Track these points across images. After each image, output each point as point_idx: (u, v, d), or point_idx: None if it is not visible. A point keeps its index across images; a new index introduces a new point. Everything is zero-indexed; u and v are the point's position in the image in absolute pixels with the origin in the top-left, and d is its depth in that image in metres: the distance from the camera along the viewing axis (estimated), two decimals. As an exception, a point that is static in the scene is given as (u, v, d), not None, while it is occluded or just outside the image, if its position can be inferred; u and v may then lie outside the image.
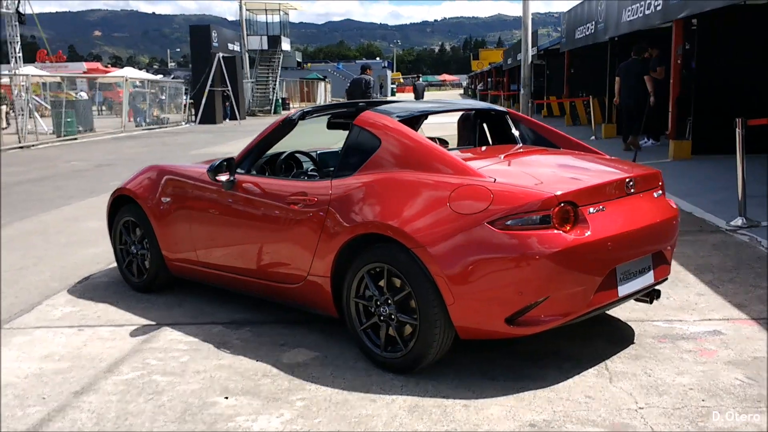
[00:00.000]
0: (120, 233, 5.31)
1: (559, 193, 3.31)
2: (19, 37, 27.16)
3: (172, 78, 45.18)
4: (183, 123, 30.85)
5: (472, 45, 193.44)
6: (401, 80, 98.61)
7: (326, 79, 62.54)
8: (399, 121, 3.95)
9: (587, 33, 17.29)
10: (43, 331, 4.45)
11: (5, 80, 24.41)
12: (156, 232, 4.94)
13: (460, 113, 4.87)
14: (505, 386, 3.43)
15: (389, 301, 3.57)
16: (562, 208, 3.31)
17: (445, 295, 3.34)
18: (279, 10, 41.86)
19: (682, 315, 4.36)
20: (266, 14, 41.92)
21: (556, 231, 3.27)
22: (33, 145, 20.57)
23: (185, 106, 31.81)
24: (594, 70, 17.89)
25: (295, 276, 4.03)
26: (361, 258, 3.66)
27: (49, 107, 28.55)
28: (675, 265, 5.38)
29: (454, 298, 3.33)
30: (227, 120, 32.23)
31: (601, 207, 3.44)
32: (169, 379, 3.64)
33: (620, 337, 4.04)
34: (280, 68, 40.12)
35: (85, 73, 53.62)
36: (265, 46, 40.10)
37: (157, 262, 5.01)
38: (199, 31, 31.75)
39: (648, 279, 3.70)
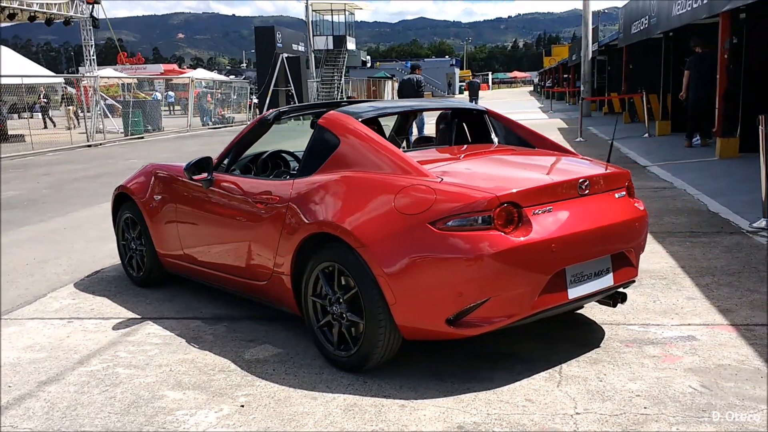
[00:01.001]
0: (122, 229, 5.51)
1: (500, 193, 3.27)
2: (93, 41, 28.35)
3: (243, 78, 46.30)
4: (248, 122, 31.52)
5: (546, 41, 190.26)
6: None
7: (394, 78, 62.76)
8: (361, 121, 3.96)
9: (641, 28, 16.80)
10: (35, 322, 4.66)
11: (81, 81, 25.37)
12: (149, 228, 5.10)
13: (439, 112, 4.85)
14: (450, 387, 3.40)
15: (341, 300, 3.59)
16: (504, 208, 3.26)
17: (387, 295, 3.34)
18: (344, 10, 42.29)
19: (662, 319, 4.22)
20: (332, 14, 42.39)
21: (496, 232, 3.23)
22: (100, 144, 21.44)
23: (250, 105, 32.51)
24: (652, 65, 17.38)
25: (263, 273, 4.10)
26: (316, 257, 3.70)
27: (120, 107, 29.69)
28: (675, 268, 5.23)
29: (395, 299, 3.33)
30: (292, 119, 32.72)
31: (548, 208, 3.37)
32: (131, 372, 3.77)
33: (587, 340, 3.94)
34: (345, 67, 40.46)
35: (161, 74, 55.53)
36: (331, 46, 40.58)
37: (152, 258, 5.18)
38: (264, 32, 32.37)
39: (606, 282, 3.60)
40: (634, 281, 3.92)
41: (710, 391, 3.25)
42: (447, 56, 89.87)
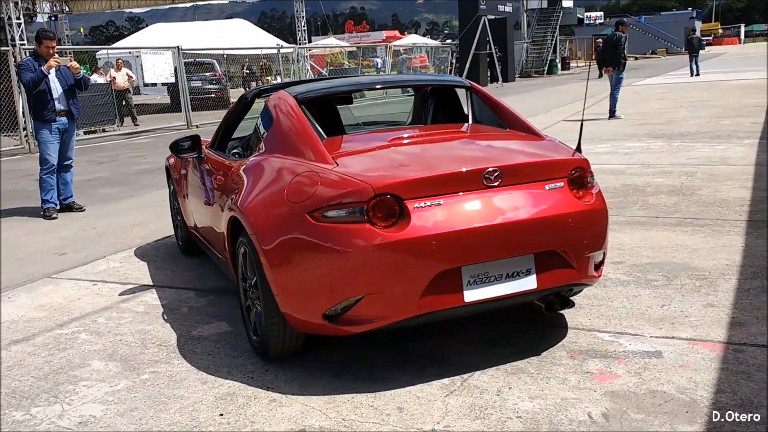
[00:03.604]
0: (171, 199, 5.85)
1: (377, 184, 2.98)
2: (304, 13, 30.05)
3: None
4: (448, 86, 31.57)
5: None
6: (720, 31, 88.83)
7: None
8: (303, 101, 3.81)
9: None
10: (70, 283, 5.13)
11: (285, 51, 26.95)
12: (179, 200, 5.37)
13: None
14: (339, 386, 3.20)
15: (251, 286, 3.53)
16: (383, 200, 2.97)
17: (271, 284, 3.22)
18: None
19: (647, 328, 3.62)
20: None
21: (368, 226, 2.97)
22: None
23: (450, 70, 32.47)
24: None
25: (223, 252, 4.14)
26: (239, 240, 3.66)
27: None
28: (731, 266, 4.51)
29: (278, 289, 3.20)
30: (496, 82, 32.19)
31: (437, 201, 3.01)
32: (90, 338, 4.02)
33: (533, 345, 3.49)
34: (558, 26, 38.72)
35: (383, 41, 57.34)
36: (545, 5, 39.01)
37: (185, 229, 5.44)
38: (467, -6, 31.98)
39: (525, 284, 3.14)
40: (583, 284, 3.40)
41: (606, 422, 2.75)
42: (690, 8, 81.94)
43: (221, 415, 3.02)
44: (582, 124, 3.73)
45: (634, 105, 16.22)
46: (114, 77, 19.59)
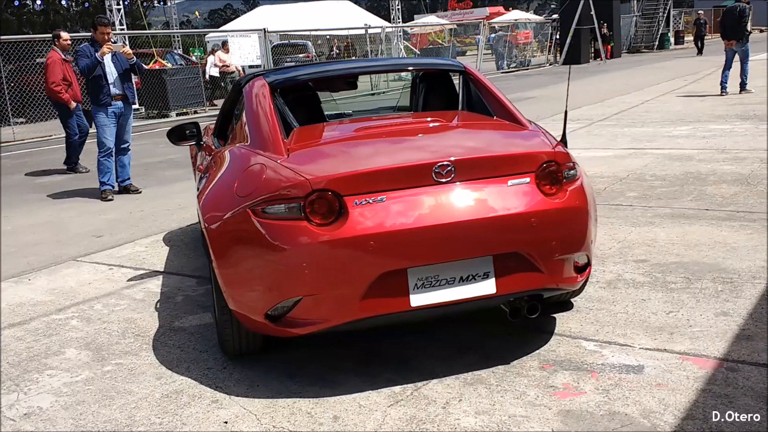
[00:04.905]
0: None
1: (315, 179, 2.79)
2: (398, -6, 29.83)
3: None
4: (547, 64, 30.49)
5: None
6: None
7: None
8: (275, 88, 3.65)
9: None
10: (89, 266, 5.22)
11: (372, 31, 26.81)
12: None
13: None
14: (288, 389, 3.05)
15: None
16: (321, 196, 2.79)
17: (218, 280, 3.11)
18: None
19: (640, 338, 3.26)
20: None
21: (305, 223, 2.79)
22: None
23: (550, 47, 31.34)
24: None
25: (209, 241, 4.07)
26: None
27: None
28: (765, 269, 3.99)
29: (224, 286, 3.08)
30: (599, 59, 30.82)
31: (379, 197, 2.79)
32: (79, 325, 4.04)
33: (506, 352, 3.21)
34: (671, -1, 36.64)
35: (486, 17, 56.15)
36: (657, -24, 36.95)
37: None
38: (570, -34, 30.63)
39: (481, 289, 2.86)
40: (558, 289, 3.08)
41: (545, 448, 2.48)
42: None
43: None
44: (566, 115, 3.38)
45: (736, 82, 15.06)
46: (224, 60, 19.80)
